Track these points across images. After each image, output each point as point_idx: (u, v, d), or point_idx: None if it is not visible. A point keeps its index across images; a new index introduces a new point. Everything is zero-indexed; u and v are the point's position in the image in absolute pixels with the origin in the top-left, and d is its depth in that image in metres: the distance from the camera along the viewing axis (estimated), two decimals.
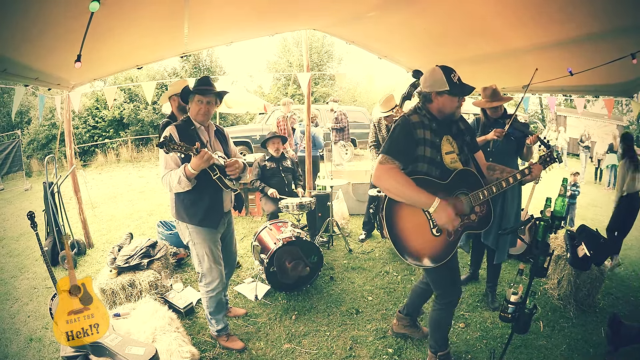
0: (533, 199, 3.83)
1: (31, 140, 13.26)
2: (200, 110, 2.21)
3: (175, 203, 2.30)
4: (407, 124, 1.84)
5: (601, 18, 2.31)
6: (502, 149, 2.74)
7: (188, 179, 2.05)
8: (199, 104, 2.20)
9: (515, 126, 2.71)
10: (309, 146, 5.12)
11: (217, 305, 2.41)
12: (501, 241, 2.77)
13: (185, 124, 2.25)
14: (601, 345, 2.47)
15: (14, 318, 2.94)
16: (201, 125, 2.28)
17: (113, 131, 13.49)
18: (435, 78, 1.84)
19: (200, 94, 2.19)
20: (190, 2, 2.45)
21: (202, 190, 2.20)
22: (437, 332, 2.17)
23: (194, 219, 2.24)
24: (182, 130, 2.19)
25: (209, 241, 2.30)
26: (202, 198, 2.23)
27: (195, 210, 2.23)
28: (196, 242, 2.29)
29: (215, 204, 2.29)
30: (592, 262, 2.79)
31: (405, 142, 1.82)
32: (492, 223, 2.75)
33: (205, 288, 2.35)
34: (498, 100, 2.77)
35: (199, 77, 2.31)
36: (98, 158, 12.53)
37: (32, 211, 2.15)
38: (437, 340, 2.19)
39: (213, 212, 2.28)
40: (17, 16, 1.93)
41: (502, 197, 2.75)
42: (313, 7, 3.30)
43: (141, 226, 5.28)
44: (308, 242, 3.17)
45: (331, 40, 18.36)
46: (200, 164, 1.99)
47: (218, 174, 2.18)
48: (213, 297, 2.37)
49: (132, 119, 13.39)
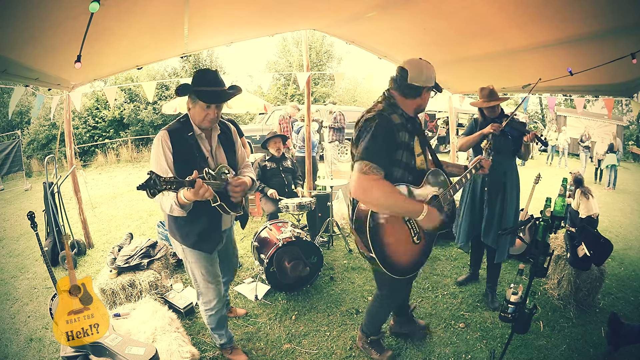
0: (533, 199, 3.83)
1: (31, 140, 13.27)
2: (207, 116, 1.80)
3: (169, 220, 1.99)
4: (389, 125, 1.66)
5: (601, 18, 2.31)
6: (499, 148, 2.73)
7: (182, 207, 1.69)
8: (206, 108, 1.77)
9: (513, 125, 2.72)
10: (308, 146, 5.13)
11: (218, 322, 2.23)
12: (501, 241, 2.77)
13: (183, 128, 1.83)
14: (601, 345, 2.46)
15: (14, 318, 2.94)
16: (202, 132, 1.88)
17: (113, 131, 13.49)
18: (429, 73, 1.72)
19: (208, 100, 1.75)
20: (190, 2, 2.46)
21: (198, 211, 1.82)
22: (371, 322, 2.29)
23: (187, 240, 1.95)
24: (176, 137, 1.79)
25: (204, 261, 2.02)
26: (198, 219, 1.89)
27: (189, 231, 1.93)
28: (190, 262, 2.03)
29: (213, 227, 1.98)
30: (592, 262, 2.79)
31: (388, 147, 1.66)
32: (493, 222, 2.77)
33: (204, 307, 2.15)
34: (495, 100, 2.79)
35: (201, 70, 1.82)
36: (98, 158, 12.54)
37: (32, 211, 2.15)
38: (369, 328, 2.31)
39: (209, 236, 1.98)
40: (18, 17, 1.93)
41: (502, 197, 2.76)
42: (313, 7, 3.30)
43: (141, 226, 5.28)
44: (308, 242, 3.17)
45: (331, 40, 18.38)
46: (195, 198, 1.61)
47: (218, 201, 1.79)
48: (213, 316, 2.17)
49: (132, 119, 13.40)
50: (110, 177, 9.96)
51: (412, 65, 1.71)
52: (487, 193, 2.79)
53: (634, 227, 5.49)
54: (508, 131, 2.72)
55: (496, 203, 2.77)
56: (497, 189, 2.76)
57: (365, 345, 2.37)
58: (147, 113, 13.42)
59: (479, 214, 2.86)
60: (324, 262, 3.45)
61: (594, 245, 2.75)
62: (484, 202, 2.81)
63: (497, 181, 2.76)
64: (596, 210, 4.40)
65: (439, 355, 2.37)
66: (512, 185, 2.78)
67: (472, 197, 2.91)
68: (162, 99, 13.43)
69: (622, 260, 4.04)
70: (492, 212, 2.78)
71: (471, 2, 2.60)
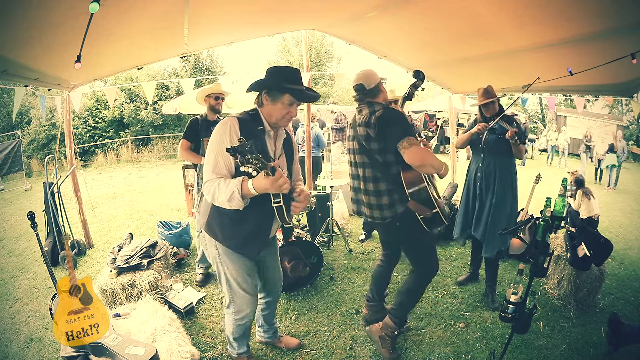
0: (533, 199, 3.83)
1: (31, 140, 13.27)
2: (288, 114, 1.69)
3: (210, 214, 1.80)
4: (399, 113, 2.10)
5: (601, 17, 2.31)
6: (492, 147, 2.83)
7: (243, 198, 1.55)
8: (288, 106, 1.67)
9: (501, 123, 2.80)
10: (308, 146, 5.13)
11: (244, 332, 2.11)
12: (489, 235, 2.82)
13: (253, 120, 1.71)
14: (601, 345, 2.46)
15: (14, 318, 2.94)
16: (272, 130, 1.76)
17: (113, 131, 13.50)
18: (372, 74, 2.19)
19: (302, 98, 1.68)
20: (190, 2, 2.45)
21: (250, 211, 1.66)
22: (406, 303, 2.32)
23: (229, 241, 1.79)
24: (246, 127, 1.66)
25: (242, 269, 1.87)
26: (247, 219, 1.73)
27: (234, 232, 1.76)
28: (227, 267, 1.86)
29: (261, 231, 1.82)
30: (592, 262, 2.79)
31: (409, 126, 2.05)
32: (482, 216, 2.87)
33: (233, 316, 1.99)
34: (488, 97, 2.84)
35: (289, 67, 1.74)
36: (98, 158, 12.54)
37: (32, 211, 2.15)
38: (402, 312, 2.33)
39: (256, 240, 1.81)
40: (17, 17, 1.93)
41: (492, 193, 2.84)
42: (313, 7, 3.30)
43: (141, 226, 5.28)
44: (308, 242, 3.18)
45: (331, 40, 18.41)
46: (269, 188, 1.48)
47: (281, 202, 1.66)
48: (241, 325, 2.03)
49: (132, 119, 13.40)
50: (110, 177, 9.96)
51: (362, 76, 2.21)
52: (478, 188, 2.90)
53: (634, 227, 5.49)
54: (495, 127, 2.80)
55: (487, 198, 2.85)
56: (488, 186, 2.86)
57: (388, 338, 2.29)
58: (147, 113, 13.43)
59: (472, 208, 2.97)
60: (324, 262, 3.45)
61: (594, 245, 2.75)
62: (476, 197, 2.93)
63: (489, 177, 2.86)
64: (597, 211, 4.41)
65: (439, 355, 2.37)
66: (504, 182, 2.82)
67: (466, 192, 3.04)
68: (162, 99, 13.44)
69: (622, 260, 4.04)
70: (482, 207, 2.88)
71: (471, 2, 2.60)
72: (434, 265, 2.25)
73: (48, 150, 12.90)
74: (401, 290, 2.32)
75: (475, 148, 2.97)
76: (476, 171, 2.94)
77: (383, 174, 2.11)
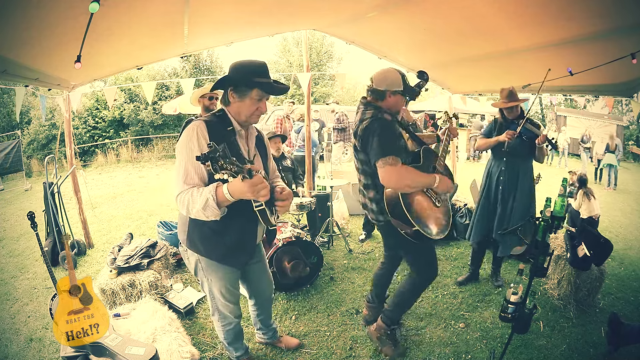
0: None
1: (31, 140, 13.26)
2: (258, 110, 1.60)
3: (188, 227, 1.68)
4: (388, 122, 1.97)
5: (602, 18, 2.31)
6: (516, 150, 2.82)
7: (219, 206, 1.42)
8: (257, 101, 1.58)
9: (528, 127, 2.79)
10: (308, 146, 5.13)
11: (235, 335, 2.08)
12: (507, 237, 2.84)
13: (219, 121, 1.59)
14: (601, 345, 2.46)
15: (14, 318, 2.94)
16: (242, 129, 1.66)
17: (113, 131, 13.48)
18: (393, 78, 2.00)
19: (267, 89, 1.58)
20: (190, 2, 2.45)
21: (231, 218, 1.55)
22: (401, 306, 2.33)
23: (212, 253, 1.69)
24: (214, 130, 1.54)
25: (226, 280, 1.79)
26: (230, 228, 1.62)
27: (216, 243, 1.66)
28: (210, 279, 1.79)
29: (247, 238, 1.73)
30: (592, 262, 2.79)
31: (396, 139, 1.98)
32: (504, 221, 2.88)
33: (220, 322, 1.98)
34: (514, 101, 2.84)
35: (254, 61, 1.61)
36: (98, 158, 12.52)
37: (32, 211, 2.15)
38: (395, 314, 2.34)
39: (241, 250, 1.73)
40: (17, 17, 1.93)
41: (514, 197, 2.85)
42: (313, 7, 3.30)
43: (141, 226, 5.28)
44: (308, 242, 3.18)
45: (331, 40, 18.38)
46: (247, 193, 1.34)
47: (263, 205, 1.55)
48: (230, 330, 2.02)
49: (132, 119, 13.39)
50: (110, 177, 9.95)
51: (377, 73, 2.05)
52: (500, 192, 2.89)
53: (634, 227, 5.49)
54: (522, 133, 2.79)
55: (508, 202, 2.86)
56: (511, 189, 2.85)
57: (384, 336, 2.34)
58: (147, 113, 13.41)
59: (493, 212, 2.96)
60: (324, 262, 3.45)
61: (594, 245, 2.75)
62: (498, 201, 2.91)
63: (512, 182, 2.85)
64: (598, 212, 4.41)
65: (439, 355, 2.37)
66: (525, 184, 2.85)
67: (487, 196, 3.01)
68: (162, 99, 13.43)
69: (622, 260, 4.04)
70: (504, 209, 2.88)
71: (471, 2, 2.60)
72: (432, 270, 2.22)
73: (48, 150, 12.89)
74: (398, 291, 2.31)
75: (497, 151, 2.95)
76: (498, 175, 2.91)
77: (372, 182, 2.10)
